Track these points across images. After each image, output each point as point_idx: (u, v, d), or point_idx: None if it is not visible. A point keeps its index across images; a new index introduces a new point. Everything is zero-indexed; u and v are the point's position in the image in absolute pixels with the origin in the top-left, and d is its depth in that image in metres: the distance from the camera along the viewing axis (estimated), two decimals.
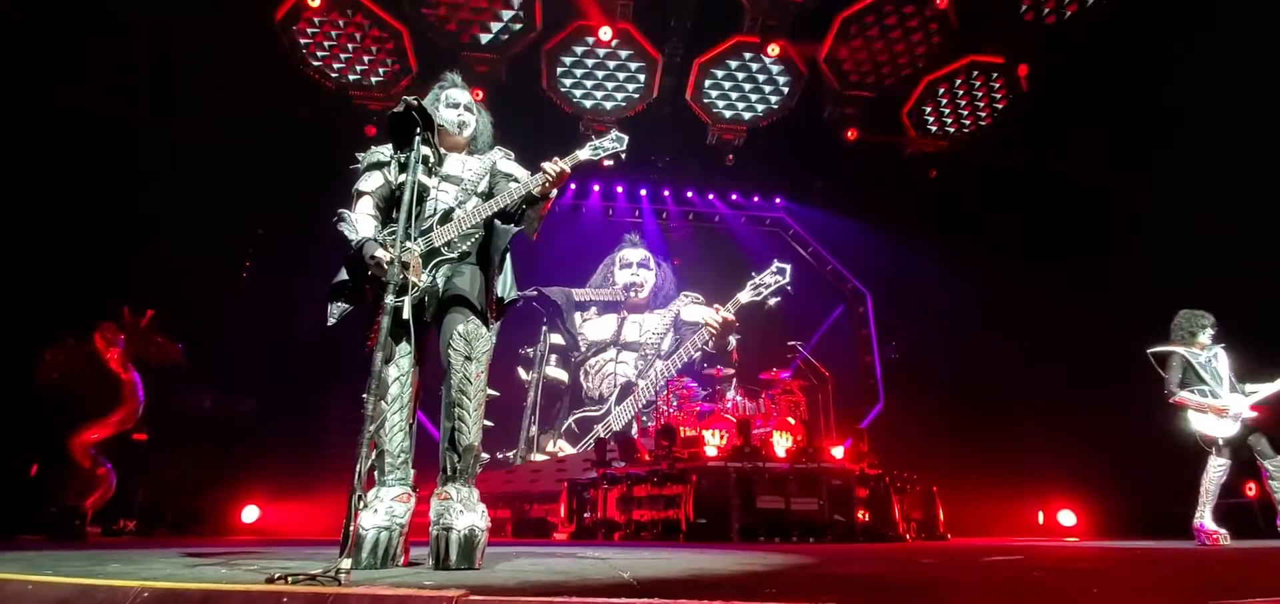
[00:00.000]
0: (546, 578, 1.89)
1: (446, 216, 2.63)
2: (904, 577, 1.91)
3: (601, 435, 9.45)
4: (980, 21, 8.19)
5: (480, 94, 7.55)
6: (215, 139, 7.82)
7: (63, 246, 6.76)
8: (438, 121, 2.63)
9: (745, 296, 7.63)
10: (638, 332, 10.30)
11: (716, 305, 7.78)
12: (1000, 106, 9.05)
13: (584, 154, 2.73)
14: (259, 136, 8.18)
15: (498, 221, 2.71)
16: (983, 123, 9.26)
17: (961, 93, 9.03)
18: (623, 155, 2.87)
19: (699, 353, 9.41)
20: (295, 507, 7.52)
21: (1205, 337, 4.94)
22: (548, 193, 2.67)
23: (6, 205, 6.42)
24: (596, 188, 10.81)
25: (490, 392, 2.63)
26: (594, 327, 10.28)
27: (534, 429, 9.35)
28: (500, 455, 9.36)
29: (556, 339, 9.98)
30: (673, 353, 9.74)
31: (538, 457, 9.34)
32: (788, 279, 6.76)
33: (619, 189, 10.94)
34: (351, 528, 1.80)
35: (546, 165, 2.61)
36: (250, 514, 7.15)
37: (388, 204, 2.76)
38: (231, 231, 8.64)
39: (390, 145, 2.70)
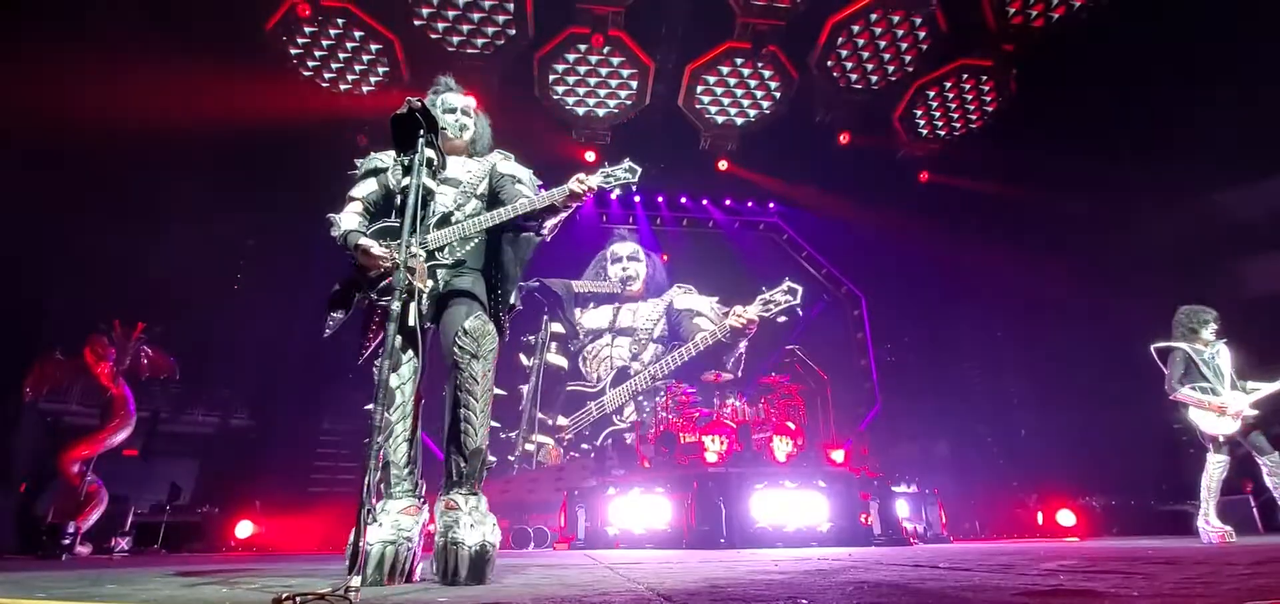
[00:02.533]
0: (562, 591, 1.84)
1: (444, 220, 2.60)
2: (928, 582, 1.87)
3: (594, 414, 9.74)
4: (969, 26, 8.26)
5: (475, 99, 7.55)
6: (206, 150, 7.72)
7: (51, 260, 6.64)
8: (439, 125, 2.59)
9: (753, 312, 7.71)
10: (632, 318, 10.61)
11: (735, 309, 7.80)
12: (990, 109, 9.13)
13: (594, 181, 2.73)
14: (250, 147, 8.09)
15: (516, 234, 2.70)
16: (973, 125, 9.33)
17: (952, 96, 9.10)
18: (633, 186, 2.87)
19: (703, 349, 9.56)
20: (290, 521, 7.40)
21: (1208, 332, 4.90)
22: (570, 205, 2.67)
23: None
24: None
25: (497, 390, 2.58)
26: (591, 316, 10.66)
27: (538, 413, 9.62)
28: (502, 435, 9.52)
29: (557, 328, 10.29)
30: (668, 339, 9.93)
31: (540, 437, 9.47)
32: (799, 300, 6.72)
33: (613, 194, 10.92)
34: (360, 544, 1.74)
35: (575, 184, 2.63)
36: (245, 529, 7.02)
37: (380, 209, 2.72)
38: (222, 243, 8.52)
39: (390, 152, 2.67)
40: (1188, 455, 7.19)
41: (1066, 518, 7.87)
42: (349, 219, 2.63)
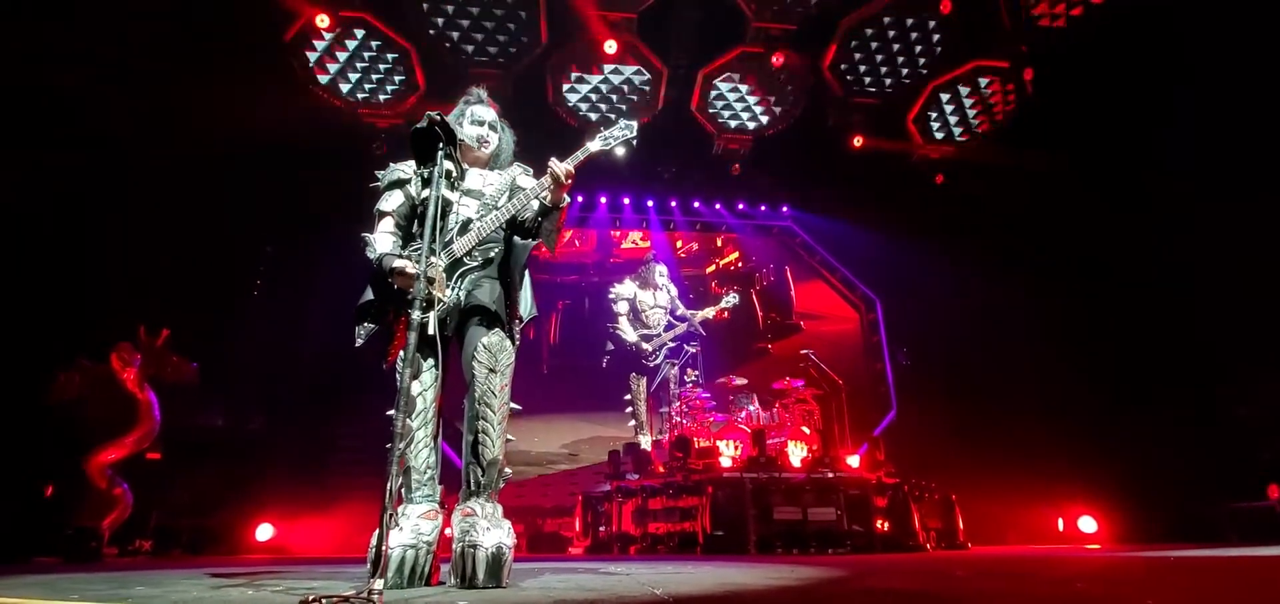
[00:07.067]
0: (579, 596, 1.87)
1: (465, 227, 2.64)
2: (948, 590, 1.87)
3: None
4: (984, 26, 8.20)
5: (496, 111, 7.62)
6: (225, 158, 7.88)
7: (77, 267, 6.81)
8: (459, 137, 2.64)
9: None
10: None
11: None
12: (1006, 110, 9.04)
13: (594, 146, 2.68)
14: (268, 155, 8.24)
15: (516, 238, 2.72)
16: (989, 127, 9.24)
17: (967, 97, 9.03)
18: (633, 142, 2.81)
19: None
20: (309, 524, 7.49)
21: None
22: (559, 200, 2.65)
23: (20, 226, 6.48)
24: (603, 199, 10.83)
25: (512, 405, 2.62)
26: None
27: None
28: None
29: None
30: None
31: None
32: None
33: (625, 200, 10.95)
34: (383, 547, 1.78)
35: (553, 165, 2.58)
36: (264, 532, 7.12)
37: (409, 221, 2.77)
38: (241, 249, 8.67)
39: (411, 162, 2.72)
40: (1212, 460, 7.07)
41: (1088, 524, 7.76)
42: (383, 239, 2.66)
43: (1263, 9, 6.41)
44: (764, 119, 9.14)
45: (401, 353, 2.05)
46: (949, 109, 9.11)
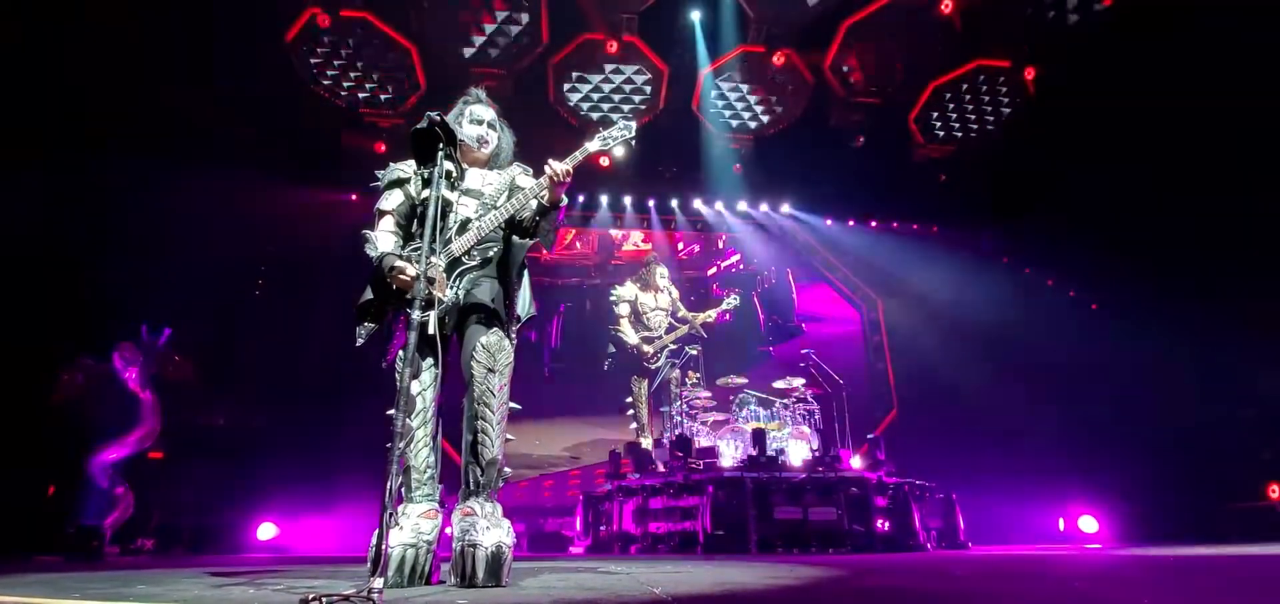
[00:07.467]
0: (578, 595, 1.87)
1: (464, 227, 2.65)
2: (948, 590, 1.87)
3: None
4: (986, 26, 8.20)
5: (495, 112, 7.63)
6: (227, 157, 7.90)
7: (79, 267, 6.82)
8: (459, 137, 2.65)
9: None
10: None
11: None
12: (1008, 110, 9.04)
13: (593, 146, 2.68)
14: (270, 154, 8.26)
15: (514, 237, 2.72)
16: (990, 127, 9.24)
17: (968, 97, 9.02)
18: (632, 142, 2.82)
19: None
20: (310, 523, 7.51)
21: None
22: (557, 199, 2.65)
23: (23, 226, 6.49)
24: (604, 198, 10.84)
25: (512, 405, 2.62)
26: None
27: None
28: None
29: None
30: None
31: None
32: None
33: (626, 199, 10.97)
34: (382, 546, 1.79)
35: (550, 165, 2.58)
36: (266, 532, 7.14)
37: (409, 220, 2.78)
38: (243, 249, 8.69)
39: (411, 162, 2.73)
40: (1215, 459, 7.07)
41: (1088, 524, 7.76)
42: (384, 239, 2.67)
43: (1262, 8, 6.40)
44: (764, 119, 9.15)
45: (401, 352, 2.06)
46: (950, 108, 9.11)
